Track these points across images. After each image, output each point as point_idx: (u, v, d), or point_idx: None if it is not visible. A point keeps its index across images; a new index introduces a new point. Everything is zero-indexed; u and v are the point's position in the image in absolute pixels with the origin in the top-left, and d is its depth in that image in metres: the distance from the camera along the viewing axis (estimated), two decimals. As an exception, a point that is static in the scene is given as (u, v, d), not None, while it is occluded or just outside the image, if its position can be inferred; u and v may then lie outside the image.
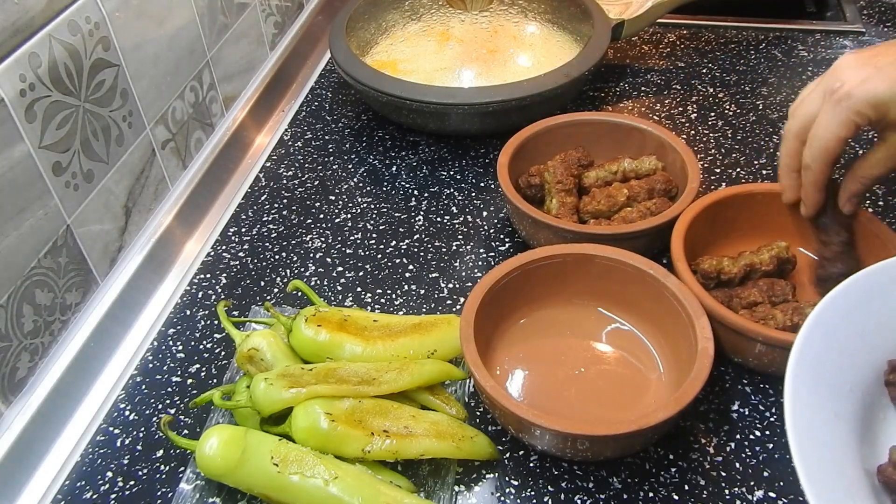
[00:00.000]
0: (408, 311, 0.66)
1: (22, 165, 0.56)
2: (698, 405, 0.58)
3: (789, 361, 0.46)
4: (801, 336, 0.47)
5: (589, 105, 0.89)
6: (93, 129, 0.63)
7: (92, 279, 0.65)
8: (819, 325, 0.48)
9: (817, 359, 0.47)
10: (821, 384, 0.47)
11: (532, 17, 0.96)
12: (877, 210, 0.74)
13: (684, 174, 0.68)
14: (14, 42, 0.54)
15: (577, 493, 0.53)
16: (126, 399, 0.61)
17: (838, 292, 0.49)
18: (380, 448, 0.50)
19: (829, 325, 0.48)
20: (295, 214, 0.77)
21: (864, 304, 0.49)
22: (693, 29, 1.02)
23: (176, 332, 0.66)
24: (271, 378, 0.52)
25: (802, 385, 0.46)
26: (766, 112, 0.87)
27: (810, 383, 0.46)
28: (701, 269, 0.62)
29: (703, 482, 0.53)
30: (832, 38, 0.99)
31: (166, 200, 0.75)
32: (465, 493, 0.53)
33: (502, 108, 0.79)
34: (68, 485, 0.56)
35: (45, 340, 0.60)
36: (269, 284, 0.69)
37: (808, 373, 0.46)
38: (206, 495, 0.53)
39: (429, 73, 0.90)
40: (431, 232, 0.74)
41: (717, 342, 0.54)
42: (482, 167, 0.82)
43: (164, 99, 0.73)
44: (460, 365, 0.59)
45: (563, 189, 0.69)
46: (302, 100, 0.94)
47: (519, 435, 0.53)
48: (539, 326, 0.62)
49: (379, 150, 0.85)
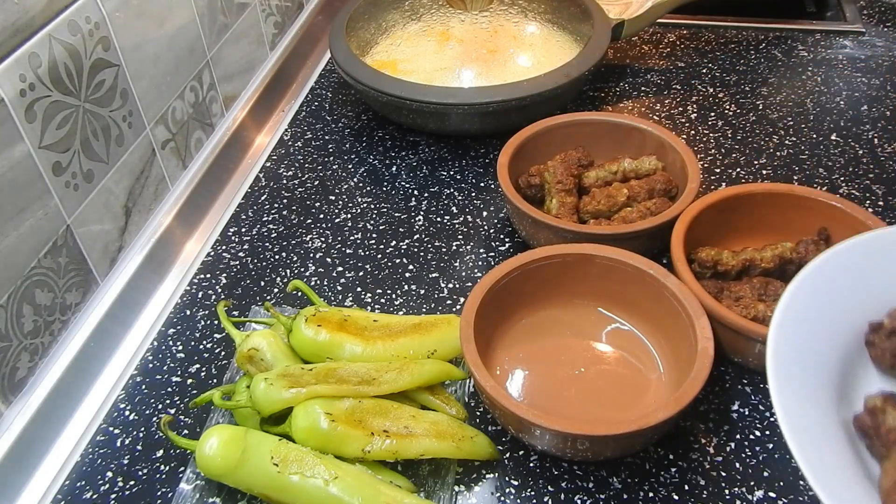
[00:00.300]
0: (408, 311, 0.66)
1: (22, 165, 0.56)
2: (698, 405, 0.58)
3: (772, 322, 0.48)
4: (784, 297, 0.49)
5: (589, 105, 0.89)
6: (93, 129, 0.63)
7: (92, 279, 0.65)
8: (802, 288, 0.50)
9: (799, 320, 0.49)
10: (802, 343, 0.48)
11: (532, 17, 0.96)
12: (877, 210, 0.74)
13: (684, 174, 0.68)
14: (14, 42, 0.54)
15: (577, 493, 0.53)
16: (126, 399, 0.61)
17: (819, 261, 0.51)
18: (380, 448, 0.50)
19: (811, 289, 0.50)
20: (295, 214, 0.77)
21: (845, 271, 0.51)
22: (693, 29, 1.02)
23: (176, 332, 0.66)
24: (271, 378, 0.52)
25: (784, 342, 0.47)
26: (766, 112, 0.87)
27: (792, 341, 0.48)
28: (698, 257, 0.62)
29: (703, 482, 0.53)
30: (832, 38, 0.99)
31: (166, 200, 0.75)
32: (465, 493, 0.53)
33: (502, 108, 0.79)
34: (68, 485, 0.56)
35: (45, 340, 0.60)
36: (269, 284, 0.69)
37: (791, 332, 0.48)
38: (206, 495, 0.53)
39: (429, 73, 0.90)
40: (431, 232, 0.74)
41: (717, 342, 0.54)
42: (482, 167, 0.82)
43: (164, 99, 0.74)
44: (460, 365, 0.59)
45: (563, 189, 0.69)
46: (302, 100, 0.94)
47: (519, 435, 0.53)
48: (539, 326, 0.62)
49: (379, 150, 0.85)
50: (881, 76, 0.92)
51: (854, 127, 0.84)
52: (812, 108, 0.87)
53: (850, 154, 0.80)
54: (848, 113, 0.86)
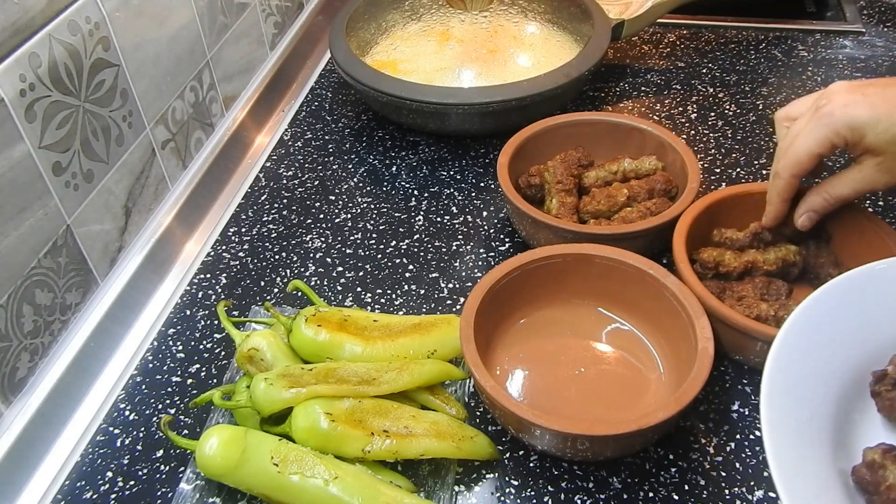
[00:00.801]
0: (408, 311, 0.66)
1: (22, 165, 0.56)
2: (698, 405, 0.58)
3: (767, 359, 0.47)
4: (781, 333, 0.48)
5: (589, 105, 0.89)
6: (93, 129, 0.63)
7: (92, 279, 0.65)
8: (800, 323, 0.48)
9: (796, 359, 0.47)
10: (798, 384, 0.47)
11: (532, 17, 0.96)
12: (877, 210, 0.74)
13: (684, 174, 0.68)
14: (14, 42, 0.54)
15: (577, 493, 0.53)
16: (126, 399, 0.61)
17: (821, 293, 0.50)
18: (380, 448, 0.50)
19: (810, 325, 0.49)
20: (295, 214, 0.77)
21: (845, 306, 0.50)
22: (693, 29, 1.02)
23: (176, 332, 0.66)
24: (271, 378, 0.52)
25: (780, 384, 0.46)
26: (766, 112, 0.87)
27: (788, 383, 0.46)
28: (700, 258, 0.62)
29: (703, 482, 0.53)
30: (832, 38, 0.99)
31: (166, 200, 0.75)
32: (465, 493, 0.53)
33: (502, 108, 0.79)
34: (68, 485, 0.56)
35: (45, 340, 0.60)
36: (269, 284, 0.69)
37: (786, 372, 0.47)
38: (206, 495, 0.53)
39: (429, 73, 0.90)
40: (431, 232, 0.74)
41: (717, 340, 0.54)
42: (482, 167, 0.82)
43: (164, 99, 0.74)
44: (460, 365, 0.59)
45: (563, 189, 0.69)
46: (302, 100, 0.94)
47: (519, 435, 0.53)
48: (539, 326, 0.62)
49: (379, 150, 0.85)
50: (881, 76, 0.92)
51: (854, 127, 0.84)
52: (812, 108, 0.87)
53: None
54: (848, 113, 0.86)
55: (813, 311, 0.49)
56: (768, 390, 0.45)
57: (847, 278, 0.51)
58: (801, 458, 0.44)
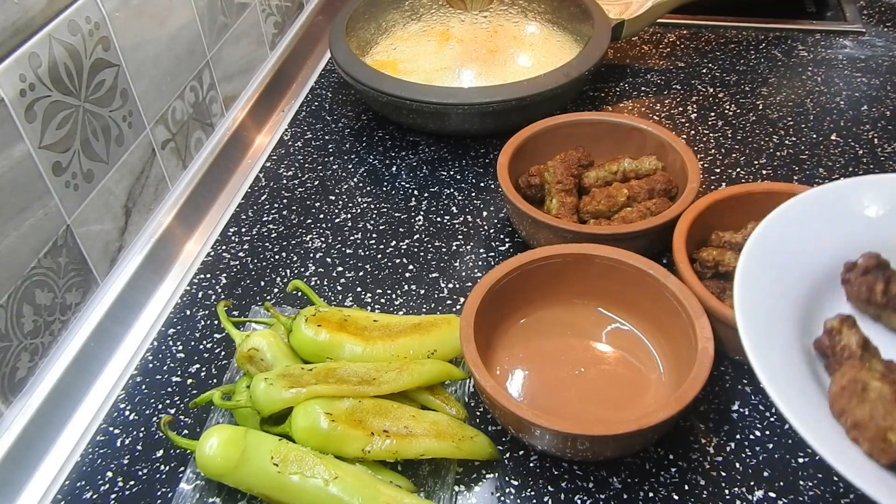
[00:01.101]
0: (408, 311, 0.66)
1: (22, 165, 0.56)
2: (698, 405, 0.58)
3: (741, 256, 0.51)
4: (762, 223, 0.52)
5: (589, 105, 0.89)
6: (93, 129, 0.63)
7: (92, 279, 0.65)
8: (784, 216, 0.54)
9: (774, 248, 0.52)
10: (770, 278, 0.51)
11: (532, 17, 0.96)
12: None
13: (684, 174, 0.68)
14: (14, 42, 0.54)
15: (577, 493, 0.53)
16: (126, 399, 0.61)
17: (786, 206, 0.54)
18: (380, 448, 0.50)
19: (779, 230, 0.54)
20: (295, 214, 0.77)
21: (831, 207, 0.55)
22: (693, 29, 1.02)
23: (176, 332, 0.66)
24: (271, 378, 0.52)
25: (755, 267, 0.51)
26: (766, 112, 0.87)
27: (763, 267, 0.51)
28: (700, 258, 0.62)
29: (703, 482, 0.53)
30: (832, 38, 0.99)
31: (166, 200, 0.75)
32: (465, 493, 0.53)
33: (502, 108, 0.79)
34: (68, 485, 0.56)
35: (45, 340, 0.60)
36: (269, 284, 0.69)
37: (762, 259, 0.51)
38: (206, 495, 0.53)
39: (429, 73, 0.90)
40: (431, 232, 0.74)
41: (717, 340, 0.54)
42: (482, 167, 0.82)
43: (164, 99, 0.74)
44: (460, 365, 0.59)
45: (563, 189, 0.69)
46: (302, 100, 0.94)
47: (519, 435, 0.53)
48: (539, 326, 0.62)
49: (379, 150, 0.85)
50: (881, 76, 0.92)
51: (854, 127, 0.84)
52: (812, 108, 0.87)
53: (850, 154, 0.80)
54: (848, 113, 0.86)
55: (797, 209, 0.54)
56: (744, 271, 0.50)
57: (836, 185, 0.55)
58: (769, 330, 0.48)
